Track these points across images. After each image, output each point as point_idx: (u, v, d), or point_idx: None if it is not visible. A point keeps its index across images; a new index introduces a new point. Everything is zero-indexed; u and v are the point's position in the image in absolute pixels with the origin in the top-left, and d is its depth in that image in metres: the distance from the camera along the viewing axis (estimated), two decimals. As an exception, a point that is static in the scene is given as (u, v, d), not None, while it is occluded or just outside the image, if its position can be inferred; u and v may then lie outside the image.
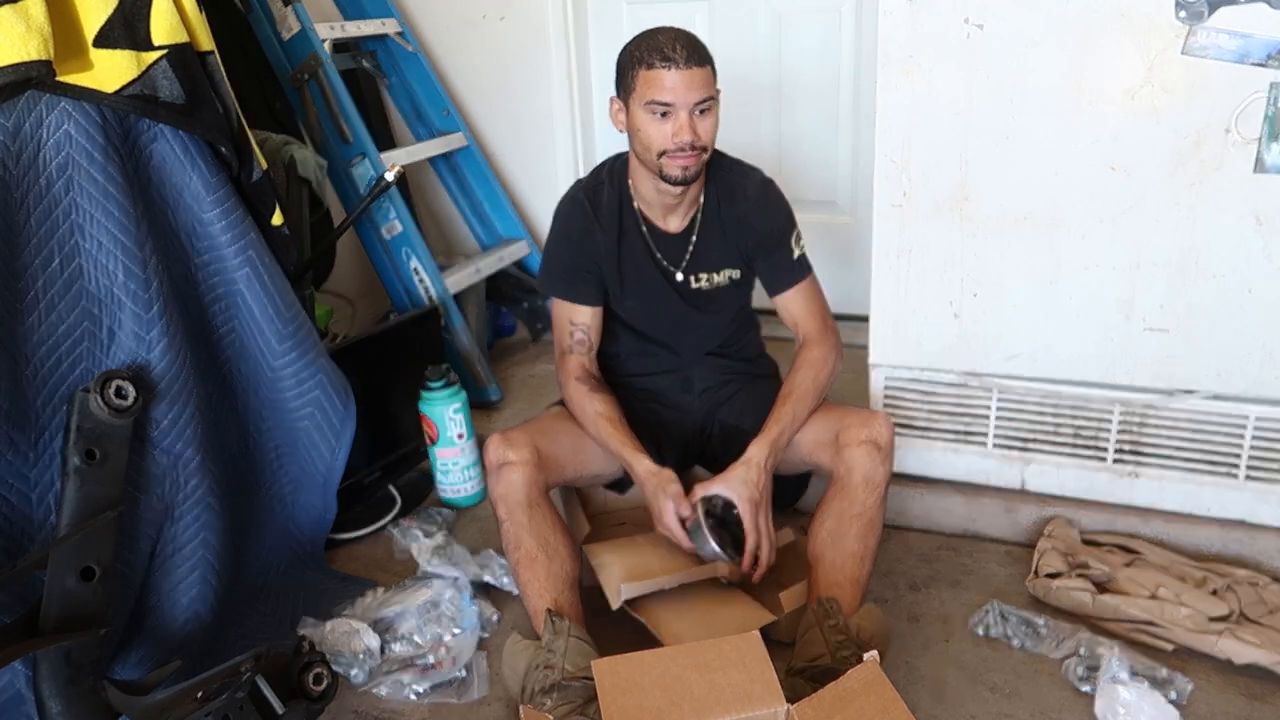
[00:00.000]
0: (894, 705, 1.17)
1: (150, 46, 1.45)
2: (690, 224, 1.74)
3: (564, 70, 2.71)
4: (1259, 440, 1.66)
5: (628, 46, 1.60)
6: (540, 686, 1.40)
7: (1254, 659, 1.45)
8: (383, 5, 2.67)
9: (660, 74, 1.53)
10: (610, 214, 1.72)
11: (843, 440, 1.59)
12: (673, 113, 1.54)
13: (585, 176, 1.80)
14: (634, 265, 1.74)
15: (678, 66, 1.52)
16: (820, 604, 1.50)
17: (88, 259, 1.43)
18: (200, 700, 1.27)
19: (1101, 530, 1.78)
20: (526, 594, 1.56)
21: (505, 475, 1.58)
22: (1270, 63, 1.45)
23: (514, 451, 1.58)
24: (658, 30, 1.58)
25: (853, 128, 2.52)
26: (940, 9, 1.61)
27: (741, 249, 1.75)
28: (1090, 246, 1.64)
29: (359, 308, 2.74)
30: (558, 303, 1.77)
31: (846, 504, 1.56)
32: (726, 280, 1.77)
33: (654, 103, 1.54)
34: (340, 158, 2.37)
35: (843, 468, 1.58)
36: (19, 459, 1.39)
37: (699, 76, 1.54)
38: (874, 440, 1.57)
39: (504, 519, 1.58)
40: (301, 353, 1.71)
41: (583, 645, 1.46)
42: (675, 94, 1.53)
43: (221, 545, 1.60)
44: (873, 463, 1.56)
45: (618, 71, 1.62)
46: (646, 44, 1.56)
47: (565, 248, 1.75)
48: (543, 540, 1.56)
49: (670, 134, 1.55)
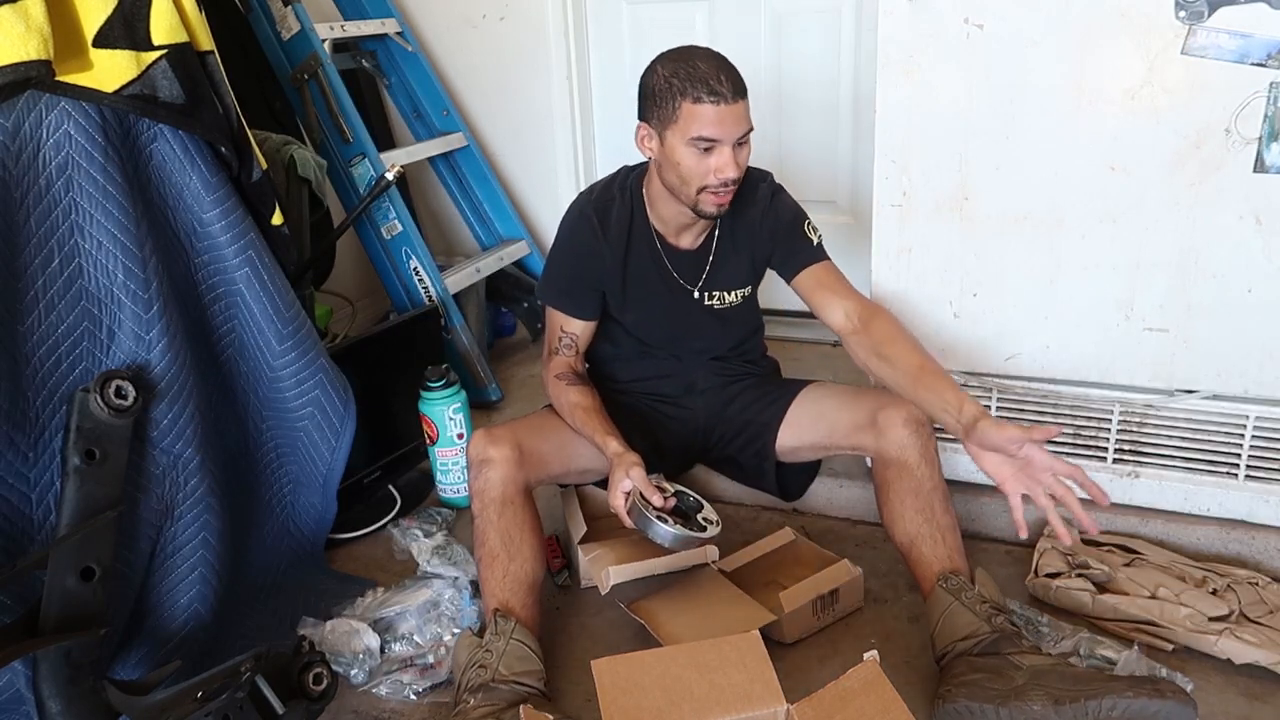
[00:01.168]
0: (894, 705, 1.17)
1: (150, 46, 1.45)
2: (707, 240, 1.73)
3: (564, 70, 2.71)
4: (1259, 440, 1.66)
5: (662, 73, 1.52)
6: (471, 684, 1.41)
7: (1254, 659, 1.45)
8: (383, 5, 2.67)
9: (708, 109, 1.48)
10: (619, 230, 1.70)
11: (883, 423, 1.59)
12: (717, 148, 1.51)
13: (597, 185, 1.76)
14: (641, 281, 1.73)
15: (726, 102, 1.48)
16: (947, 580, 1.48)
17: (87, 259, 1.43)
18: (200, 700, 1.27)
19: (1102, 530, 1.77)
20: (483, 591, 1.56)
21: (483, 472, 1.58)
22: (1270, 63, 1.45)
23: (494, 449, 1.58)
24: (695, 56, 1.51)
25: (853, 128, 2.52)
26: (940, 9, 1.61)
27: (754, 259, 1.74)
28: (1090, 246, 1.64)
29: (359, 308, 2.74)
30: (552, 310, 1.77)
31: (916, 482, 1.55)
32: (739, 299, 1.78)
33: (700, 138, 1.50)
34: (340, 158, 2.37)
35: (894, 448, 1.57)
36: (19, 459, 1.39)
37: (743, 110, 1.51)
38: (915, 418, 1.57)
39: (476, 515, 1.59)
40: (301, 353, 1.71)
41: (523, 649, 1.45)
42: (722, 129, 1.49)
43: (221, 545, 1.60)
44: (921, 439, 1.57)
45: (650, 97, 1.54)
46: (688, 73, 1.49)
47: (568, 261, 1.74)
48: (507, 539, 1.55)
49: (712, 168, 1.52)
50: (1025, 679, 1.30)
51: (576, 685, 1.52)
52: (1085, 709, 1.24)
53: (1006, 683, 1.30)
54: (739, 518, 1.99)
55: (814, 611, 1.60)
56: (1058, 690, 1.27)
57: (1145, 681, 1.27)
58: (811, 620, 1.61)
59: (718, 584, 1.67)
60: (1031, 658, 1.36)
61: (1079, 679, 1.29)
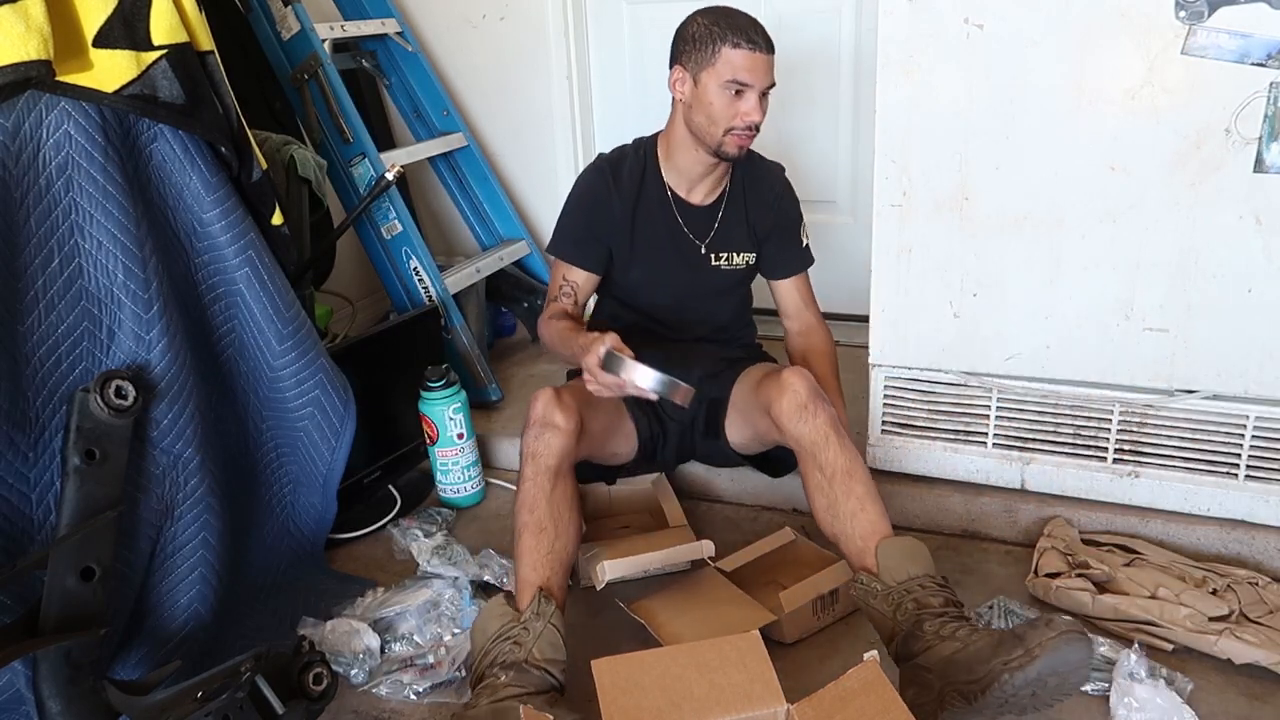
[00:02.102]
0: (894, 705, 1.17)
1: (150, 46, 1.45)
2: (719, 199, 1.82)
3: (564, 70, 2.71)
4: (1259, 440, 1.66)
5: (702, 21, 1.66)
6: (503, 660, 1.39)
7: (1254, 659, 1.45)
8: (383, 5, 2.67)
9: (746, 54, 1.62)
10: (631, 181, 1.79)
11: (775, 417, 1.58)
12: (747, 92, 1.65)
13: (609, 150, 1.87)
14: (649, 233, 1.79)
15: (761, 50, 1.63)
16: (854, 587, 1.47)
17: (87, 259, 1.43)
18: (200, 700, 1.27)
19: (1101, 530, 1.78)
20: (522, 561, 1.51)
21: (546, 437, 1.54)
22: (1270, 63, 1.45)
23: (562, 416, 1.55)
24: (732, 10, 1.67)
25: (853, 128, 2.52)
26: (940, 9, 1.61)
27: (758, 231, 1.83)
28: (1090, 246, 1.64)
29: (359, 308, 2.74)
30: (557, 262, 1.84)
31: (820, 475, 1.54)
32: (743, 263, 1.84)
33: (734, 81, 1.63)
34: (340, 158, 2.37)
35: (793, 443, 1.58)
36: (19, 459, 1.39)
37: (771, 63, 1.66)
38: (798, 404, 1.55)
39: (528, 478, 1.54)
40: (301, 353, 1.71)
41: (556, 637, 1.44)
42: (755, 75, 1.63)
43: (221, 545, 1.60)
44: (810, 424, 1.54)
45: (688, 41, 1.67)
46: (728, 22, 1.63)
47: (577, 211, 1.83)
48: (556, 515, 1.53)
49: (740, 111, 1.65)
50: (939, 681, 1.30)
51: (576, 685, 1.52)
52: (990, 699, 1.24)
53: (929, 693, 1.31)
54: (739, 518, 1.99)
55: (814, 611, 1.60)
56: (964, 686, 1.27)
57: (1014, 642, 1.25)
58: (811, 620, 1.61)
59: (718, 584, 1.67)
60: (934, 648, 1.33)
61: (969, 665, 1.27)
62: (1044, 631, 1.25)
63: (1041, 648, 1.23)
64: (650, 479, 1.95)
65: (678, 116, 1.74)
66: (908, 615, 1.38)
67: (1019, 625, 1.30)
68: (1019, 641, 1.25)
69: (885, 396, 1.90)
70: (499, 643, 1.42)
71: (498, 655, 1.41)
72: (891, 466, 1.93)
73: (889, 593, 1.42)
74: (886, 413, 1.91)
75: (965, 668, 1.27)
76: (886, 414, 1.91)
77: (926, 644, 1.34)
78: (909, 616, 1.38)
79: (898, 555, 1.45)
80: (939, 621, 1.36)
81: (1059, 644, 1.23)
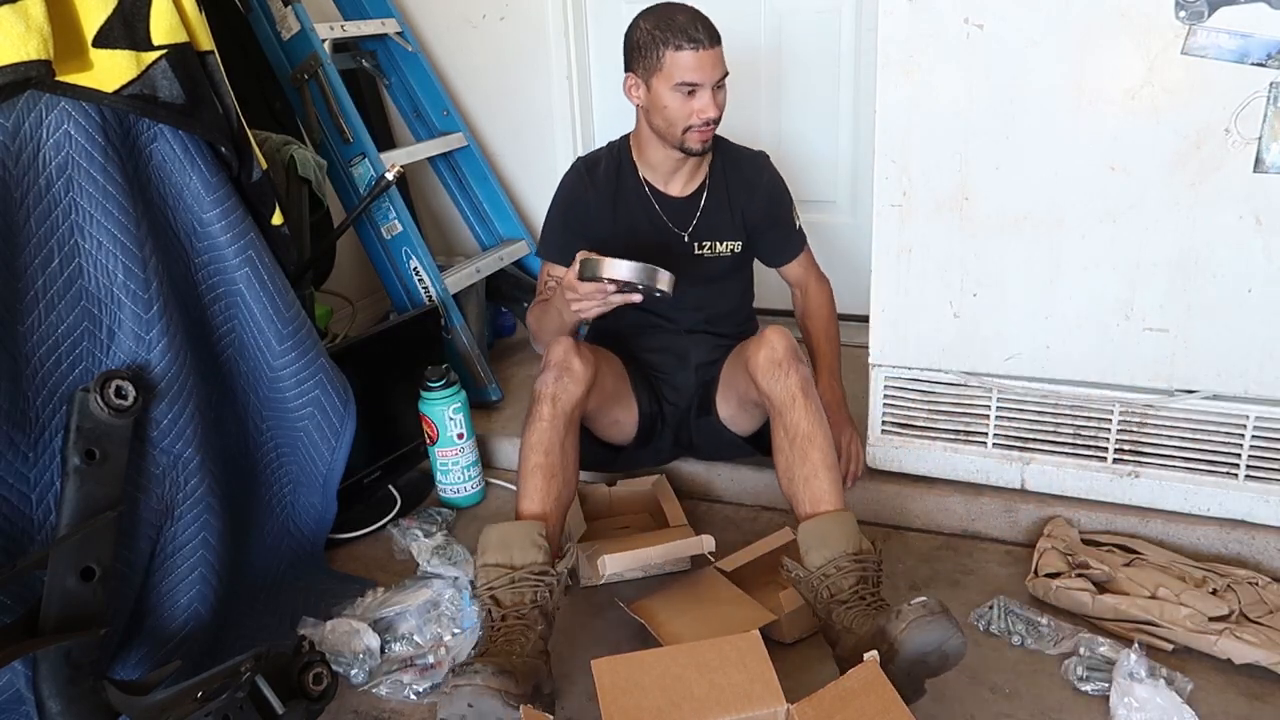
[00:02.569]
0: (894, 705, 1.17)
1: (150, 46, 1.45)
2: (699, 189, 1.83)
3: (564, 70, 2.71)
4: (1259, 440, 1.66)
5: (643, 26, 1.68)
6: (533, 600, 1.43)
7: (1254, 659, 1.45)
8: (383, 5, 2.67)
9: (688, 55, 1.63)
10: (607, 178, 1.82)
11: (751, 371, 1.61)
12: (699, 90, 1.66)
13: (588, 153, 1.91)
14: (631, 227, 1.82)
15: (704, 47, 1.64)
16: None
17: (87, 259, 1.43)
18: (200, 700, 1.27)
19: (1101, 530, 1.78)
20: (531, 495, 1.54)
21: (565, 381, 1.57)
22: (1270, 63, 1.45)
23: (580, 362, 1.59)
24: (673, 10, 1.67)
25: (853, 128, 2.52)
26: (940, 9, 1.61)
27: (746, 217, 1.84)
28: (1090, 246, 1.64)
29: (359, 308, 2.74)
30: (545, 264, 1.88)
31: (783, 435, 1.56)
32: (729, 252, 1.85)
33: (683, 83, 1.65)
34: (340, 158, 2.37)
35: (765, 400, 1.60)
36: (19, 459, 1.39)
37: (718, 55, 1.67)
38: (774, 360, 1.57)
39: (544, 418, 1.56)
40: (301, 353, 1.71)
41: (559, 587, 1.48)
42: (702, 73, 1.65)
43: (221, 545, 1.60)
44: (781, 383, 1.57)
45: (635, 49, 1.70)
46: (668, 24, 1.64)
47: (556, 213, 1.88)
48: (565, 462, 1.57)
49: (696, 109, 1.67)
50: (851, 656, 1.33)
51: (576, 685, 1.52)
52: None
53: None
54: (739, 518, 1.99)
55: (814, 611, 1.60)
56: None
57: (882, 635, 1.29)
58: (812, 620, 1.60)
59: (718, 584, 1.67)
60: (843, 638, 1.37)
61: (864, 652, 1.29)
62: (896, 623, 1.28)
63: (901, 637, 1.27)
64: (650, 480, 1.95)
65: (641, 118, 1.79)
66: (823, 605, 1.41)
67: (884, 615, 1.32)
68: (883, 635, 1.29)
69: (885, 396, 1.90)
70: (523, 576, 1.44)
71: (522, 595, 1.43)
72: (891, 466, 1.94)
73: (808, 579, 1.45)
74: (886, 413, 1.91)
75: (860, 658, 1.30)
76: (886, 414, 1.91)
77: (837, 636, 1.38)
78: (824, 606, 1.41)
79: (815, 538, 1.47)
80: (844, 610, 1.39)
81: (912, 631, 1.27)
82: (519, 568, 1.45)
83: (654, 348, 1.88)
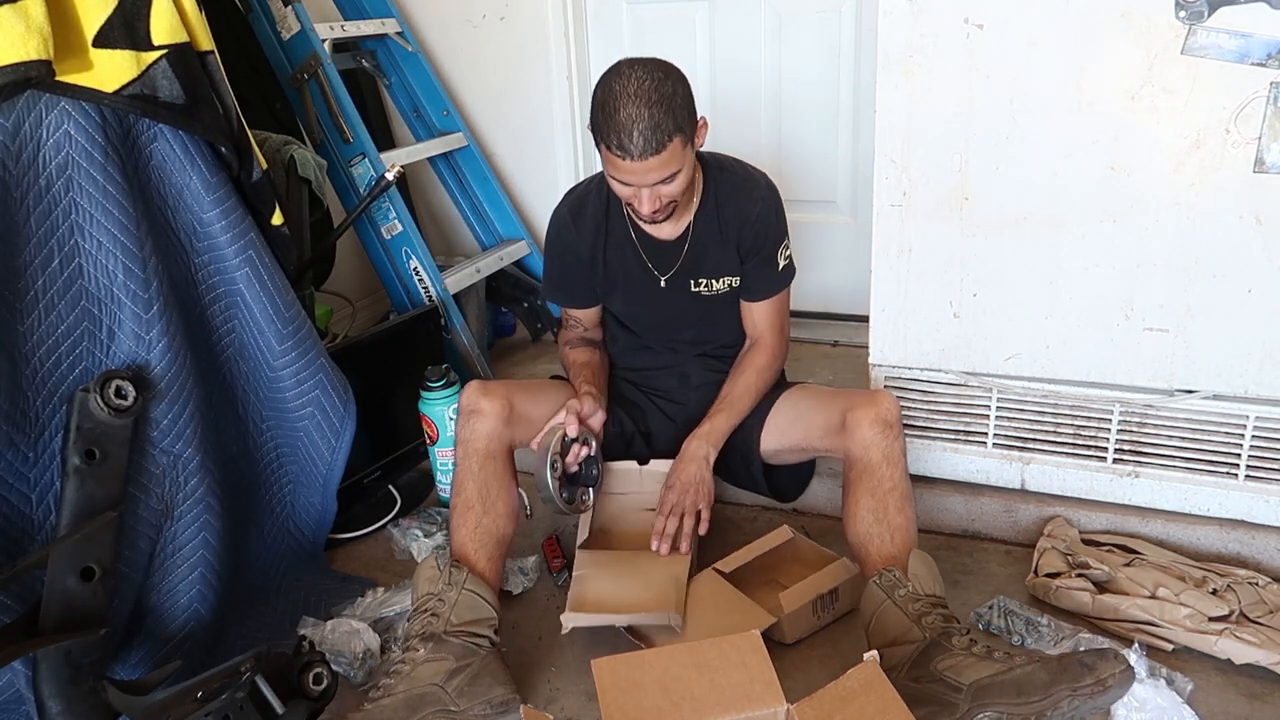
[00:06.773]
0: (894, 705, 1.17)
1: (150, 46, 1.45)
2: (685, 232, 1.75)
3: (564, 70, 2.71)
4: (1259, 440, 1.66)
5: (597, 99, 1.52)
6: (420, 632, 1.46)
7: (1254, 659, 1.45)
8: (383, 5, 2.67)
9: (618, 160, 1.51)
10: (594, 221, 1.77)
11: (850, 423, 1.59)
12: (635, 188, 1.56)
13: (579, 185, 1.86)
14: (620, 269, 1.79)
15: (633, 159, 1.49)
16: (881, 575, 1.47)
17: (87, 259, 1.43)
18: (200, 700, 1.27)
19: (1101, 530, 1.78)
20: (451, 541, 1.60)
21: (471, 422, 1.63)
22: (1270, 63, 1.45)
23: (486, 401, 1.64)
24: (622, 99, 1.48)
25: (853, 128, 2.52)
26: (940, 9, 1.61)
27: (740, 250, 1.76)
28: (1090, 246, 1.64)
29: (359, 308, 2.74)
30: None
31: (875, 482, 1.55)
32: (726, 288, 1.79)
33: (615, 180, 1.57)
34: (340, 158, 2.37)
35: (858, 448, 1.57)
36: (19, 459, 1.39)
37: (655, 163, 1.51)
38: (883, 419, 1.57)
39: (459, 462, 1.64)
40: (301, 353, 1.71)
41: (476, 600, 1.50)
42: (634, 178, 1.54)
43: (221, 545, 1.60)
44: (887, 440, 1.56)
45: (591, 112, 1.55)
46: (607, 119, 1.49)
47: (551, 259, 1.87)
48: (484, 492, 1.60)
49: (632, 201, 1.60)
50: (969, 702, 1.29)
51: (576, 685, 1.52)
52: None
53: (951, 712, 1.29)
54: (739, 518, 1.99)
55: (814, 611, 1.60)
56: (1012, 707, 1.27)
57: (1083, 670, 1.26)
58: (811, 620, 1.61)
59: (717, 585, 1.66)
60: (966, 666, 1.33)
61: (1020, 688, 1.27)
62: (1113, 664, 1.26)
63: (1115, 679, 1.25)
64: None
65: None
66: (933, 626, 1.38)
67: (1081, 653, 1.30)
68: (1088, 670, 1.26)
69: (885, 396, 1.90)
70: (416, 617, 1.50)
71: (416, 629, 1.48)
72: (891, 466, 1.93)
73: (918, 599, 1.43)
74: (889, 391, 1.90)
75: (1015, 690, 1.27)
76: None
77: (955, 659, 1.33)
78: (935, 628, 1.38)
79: (929, 572, 1.49)
80: (968, 639, 1.37)
81: (1125, 679, 1.25)
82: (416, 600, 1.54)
83: (654, 366, 1.87)
